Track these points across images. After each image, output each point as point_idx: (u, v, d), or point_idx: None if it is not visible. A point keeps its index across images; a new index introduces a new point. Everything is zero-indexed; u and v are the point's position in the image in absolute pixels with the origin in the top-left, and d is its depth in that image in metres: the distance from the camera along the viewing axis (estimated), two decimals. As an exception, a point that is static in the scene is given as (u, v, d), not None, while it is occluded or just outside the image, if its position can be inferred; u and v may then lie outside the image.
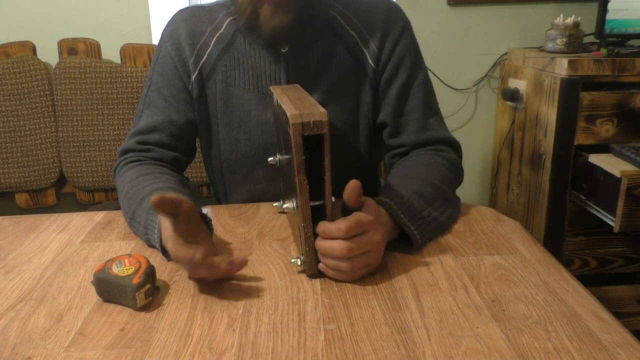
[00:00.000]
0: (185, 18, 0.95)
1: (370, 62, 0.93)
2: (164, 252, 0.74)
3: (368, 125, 0.96)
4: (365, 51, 0.93)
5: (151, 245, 0.78)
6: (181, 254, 0.62)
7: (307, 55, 0.92)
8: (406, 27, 0.95)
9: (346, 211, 0.67)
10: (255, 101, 0.93)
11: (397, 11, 0.96)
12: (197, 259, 0.61)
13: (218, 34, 0.93)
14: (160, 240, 0.73)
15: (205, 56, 0.93)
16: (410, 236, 0.74)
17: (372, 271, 0.69)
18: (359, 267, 0.66)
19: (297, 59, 0.91)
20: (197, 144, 1.03)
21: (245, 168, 0.97)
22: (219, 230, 0.84)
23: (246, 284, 0.68)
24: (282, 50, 0.90)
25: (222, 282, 0.68)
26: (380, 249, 0.68)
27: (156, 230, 0.74)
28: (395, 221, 0.74)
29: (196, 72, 0.93)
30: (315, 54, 0.92)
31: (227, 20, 0.94)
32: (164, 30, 0.96)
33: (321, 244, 0.65)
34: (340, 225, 0.64)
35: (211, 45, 0.93)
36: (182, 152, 0.97)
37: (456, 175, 0.91)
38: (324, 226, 0.65)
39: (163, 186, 0.82)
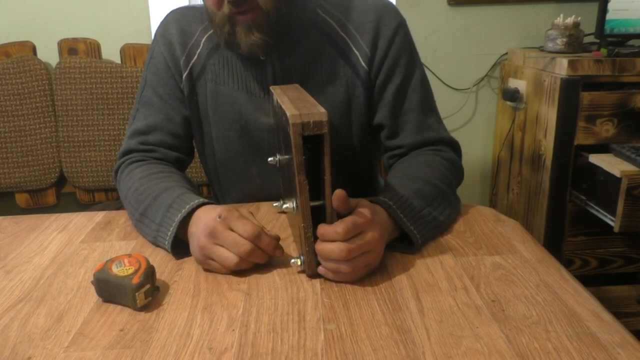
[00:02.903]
0: (176, 18, 0.95)
1: (363, 64, 0.92)
2: (174, 250, 0.75)
3: (362, 127, 0.96)
4: (357, 53, 0.92)
5: (156, 243, 0.78)
6: (252, 226, 0.67)
7: (292, 58, 0.91)
8: (400, 26, 0.93)
9: (341, 215, 0.67)
10: (244, 100, 0.93)
11: (390, 10, 0.93)
12: (267, 236, 0.68)
13: (208, 33, 0.93)
14: (172, 240, 0.74)
15: (195, 56, 0.93)
16: (410, 236, 0.74)
17: (372, 271, 0.69)
18: (359, 267, 0.66)
19: (282, 61, 0.90)
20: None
21: (239, 166, 0.97)
22: (218, 230, 0.84)
23: (246, 284, 0.68)
24: (262, 59, 0.90)
25: (222, 281, 0.68)
26: (379, 248, 0.68)
27: (171, 229, 0.74)
28: (394, 221, 0.74)
29: (187, 71, 0.94)
30: (302, 55, 0.91)
31: None
32: (156, 30, 0.97)
33: (320, 247, 0.65)
34: (338, 228, 0.64)
35: (201, 44, 0.93)
36: (183, 152, 0.97)
37: (456, 174, 0.90)
38: (322, 229, 0.65)
39: (176, 185, 0.82)
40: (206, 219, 0.70)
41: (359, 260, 0.66)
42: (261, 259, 0.70)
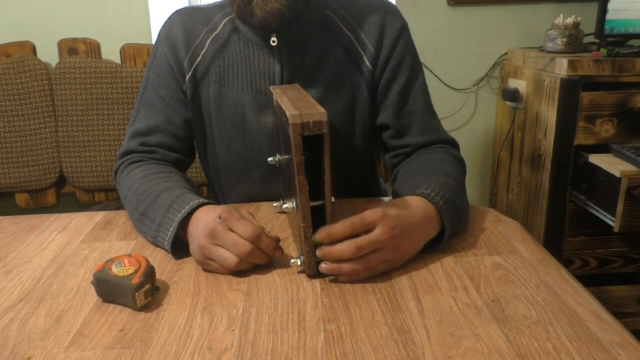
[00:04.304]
0: (181, 19, 0.95)
1: (367, 63, 0.93)
2: (174, 251, 0.75)
3: (364, 126, 0.96)
4: (362, 52, 0.93)
5: (156, 243, 0.78)
6: (252, 227, 0.67)
7: (301, 54, 0.91)
8: (404, 28, 0.94)
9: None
10: (248, 102, 0.93)
11: (395, 13, 0.95)
12: (267, 237, 0.68)
13: (213, 35, 0.93)
14: (172, 240, 0.73)
15: (199, 57, 0.93)
16: (445, 229, 0.73)
17: (394, 267, 0.68)
18: (375, 264, 0.66)
19: (291, 58, 0.91)
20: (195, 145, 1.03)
21: (240, 169, 0.97)
22: (218, 230, 0.84)
23: (246, 284, 0.68)
24: (273, 44, 0.89)
25: (221, 281, 0.68)
26: (394, 243, 0.66)
27: (171, 229, 0.74)
28: (437, 213, 0.73)
29: (190, 73, 0.93)
30: (310, 54, 0.92)
31: (223, 22, 0.94)
32: (160, 31, 0.97)
33: (329, 249, 0.65)
34: (346, 222, 0.64)
35: (206, 46, 0.93)
36: (183, 154, 0.97)
37: (464, 171, 0.91)
38: (327, 229, 0.64)
39: (177, 185, 0.82)
40: (206, 219, 0.70)
41: (373, 257, 0.65)
42: (261, 259, 0.70)
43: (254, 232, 0.67)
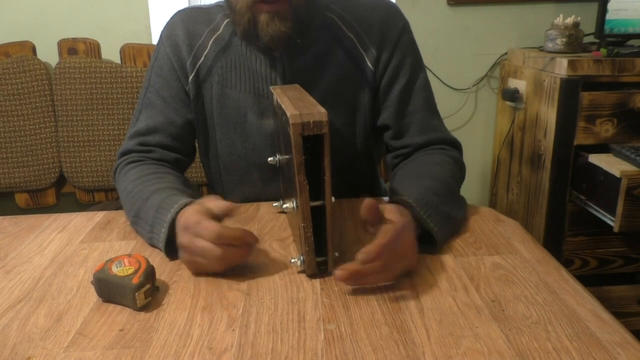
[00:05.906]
0: (183, 19, 0.95)
1: (370, 65, 0.92)
2: (167, 251, 0.74)
3: (366, 127, 0.96)
4: (364, 54, 0.93)
5: (153, 244, 0.78)
6: (236, 232, 0.65)
7: (303, 58, 0.91)
8: (405, 28, 0.94)
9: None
10: (251, 103, 0.93)
11: (396, 12, 0.95)
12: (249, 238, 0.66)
13: (215, 35, 0.93)
14: (166, 240, 0.73)
15: (202, 57, 0.93)
16: (432, 233, 0.73)
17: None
18: (398, 273, 0.66)
19: (293, 61, 0.91)
20: (196, 145, 1.03)
21: (242, 170, 0.97)
22: (218, 230, 0.84)
23: (246, 284, 0.68)
24: (276, 55, 0.90)
25: (221, 281, 0.68)
26: (413, 250, 0.68)
27: (163, 230, 0.73)
28: (416, 219, 0.73)
29: (193, 73, 0.93)
30: (312, 57, 0.92)
31: (225, 22, 0.94)
32: (162, 31, 0.96)
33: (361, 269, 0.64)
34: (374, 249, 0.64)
35: (208, 46, 0.93)
36: (182, 153, 0.97)
37: (461, 173, 0.91)
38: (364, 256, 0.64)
39: (167, 186, 0.82)
40: (181, 223, 0.69)
41: (397, 267, 0.66)
42: (239, 257, 0.68)
43: (215, 233, 0.65)
